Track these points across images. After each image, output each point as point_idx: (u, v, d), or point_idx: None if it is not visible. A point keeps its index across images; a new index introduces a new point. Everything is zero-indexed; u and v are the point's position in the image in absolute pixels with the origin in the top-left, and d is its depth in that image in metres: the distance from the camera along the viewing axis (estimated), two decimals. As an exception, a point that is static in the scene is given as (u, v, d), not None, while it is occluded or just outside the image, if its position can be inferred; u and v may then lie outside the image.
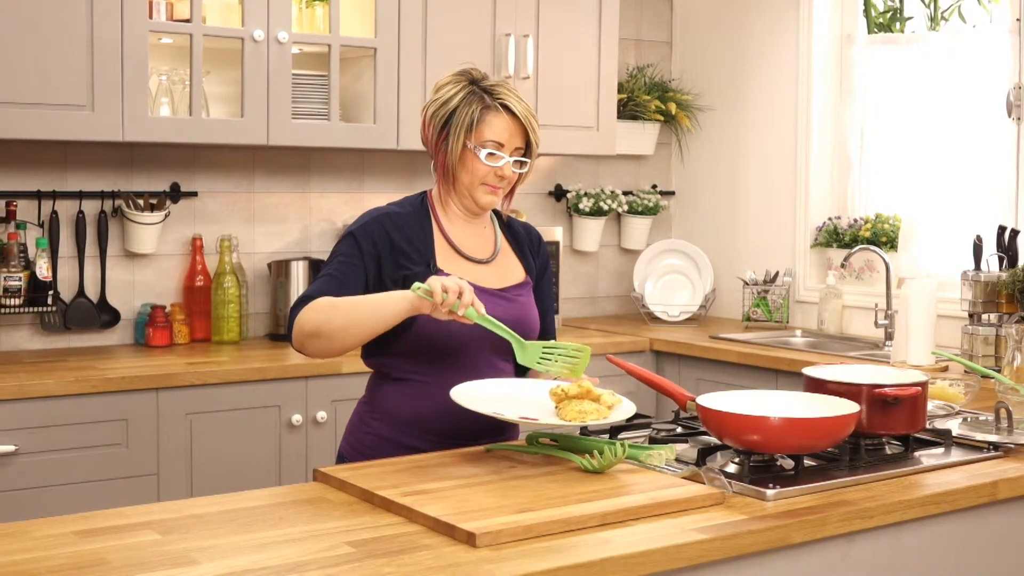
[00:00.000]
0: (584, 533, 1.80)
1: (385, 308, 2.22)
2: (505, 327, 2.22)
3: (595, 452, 2.11)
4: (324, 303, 2.27)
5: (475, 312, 2.16)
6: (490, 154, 2.36)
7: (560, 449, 2.21)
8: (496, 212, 2.54)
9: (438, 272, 2.37)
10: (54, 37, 3.37)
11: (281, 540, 1.77)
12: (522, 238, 2.56)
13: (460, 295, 2.13)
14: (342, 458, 2.49)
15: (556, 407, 2.06)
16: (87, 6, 3.40)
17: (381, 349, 2.40)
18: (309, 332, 2.26)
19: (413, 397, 2.39)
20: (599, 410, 2.01)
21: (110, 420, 3.25)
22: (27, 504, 3.12)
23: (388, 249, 2.37)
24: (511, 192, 2.47)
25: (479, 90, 2.38)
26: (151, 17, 3.54)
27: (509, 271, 2.50)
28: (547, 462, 2.18)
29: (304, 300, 2.30)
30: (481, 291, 2.37)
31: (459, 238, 2.46)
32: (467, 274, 2.40)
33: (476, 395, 2.11)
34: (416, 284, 2.18)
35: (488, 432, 2.37)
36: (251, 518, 1.88)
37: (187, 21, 3.62)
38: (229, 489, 2.61)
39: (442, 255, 2.42)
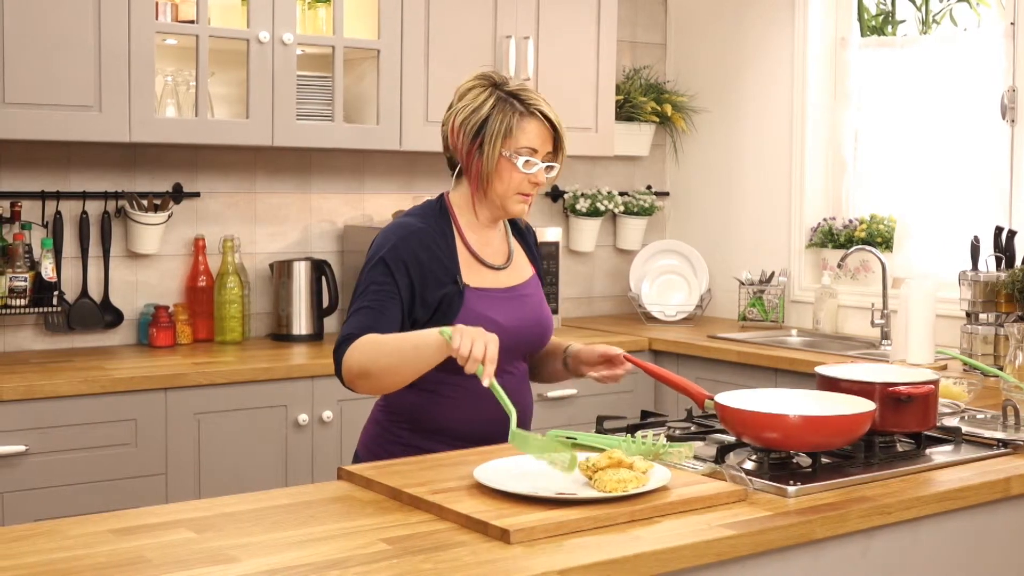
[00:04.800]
0: (614, 529, 1.83)
1: (424, 352, 2.20)
2: (508, 402, 2.14)
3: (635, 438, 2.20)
4: (369, 343, 2.25)
5: (490, 380, 2.13)
6: (527, 161, 2.36)
7: (587, 447, 2.24)
8: None
9: (465, 289, 2.37)
10: (61, 39, 3.38)
11: (316, 537, 1.79)
12: (524, 232, 2.60)
13: (482, 354, 2.12)
14: (358, 460, 2.50)
15: (591, 479, 1.97)
16: (94, 8, 3.42)
17: None
18: (357, 373, 2.25)
19: (433, 405, 2.40)
20: (638, 477, 1.95)
21: (119, 420, 3.27)
22: (37, 504, 3.14)
23: (419, 272, 2.35)
24: None
25: (506, 95, 2.38)
26: (156, 18, 3.55)
27: (523, 269, 2.54)
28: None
29: (347, 339, 2.28)
30: (501, 294, 2.42)
31: (479, 245, 2.46)
32: (489, 280, 2.42)
33: (504, 474, 2.02)
34: (442, 329, 2.17)
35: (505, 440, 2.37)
36: (282, 516, 1.90)
37: (192, 22, 3.63)
38: (237, 489, 2.64)
39: (465, 267, 2.41)
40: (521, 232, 2.59)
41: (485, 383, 2.12)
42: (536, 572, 1.64)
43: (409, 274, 2.34)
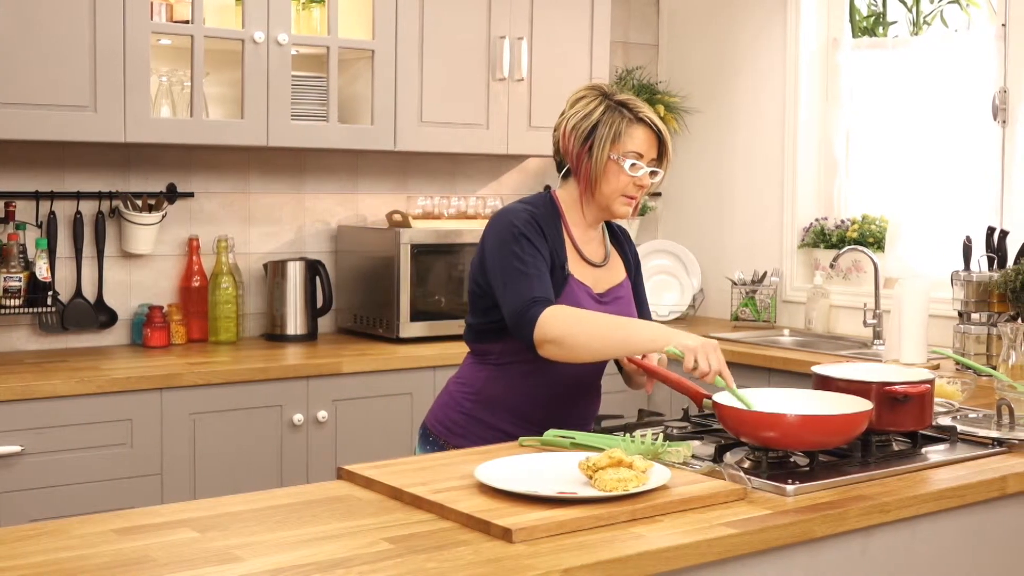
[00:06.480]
0: (615, 528, 1.84)
1: (632, 346, 2.36)
2: (744, 397, 2.26)
3: (635, 437, 2.24)
4: (569, 312, 2.35)
5: (722, 381, 2.28)
6: (633, 164, 2.47)
7: (586, 447, 2.25)
8: None
9: (569, 276, 2.48)
10: (56, 39, 3.38)
11: (319, 536, 1.80)
12: (620, 236, 2.70)
13: (717, 367, 2.28)
14: (426, 432, 2.60)
15: (591, 478, 1.98)
16: (89, 8, 3.41)
17: (492, 336, 2.50)
18: (552, 338, 2.33)
19: (503, 381, 2.51)
20: (638, 477, 1.96)
21: (114, 420, 3.26)
22: (33, 504, 3.13)
23: (545, 245, 2.47)
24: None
25: (615, 104, 2.49)
26: (151, 18, 3.55)
27: (617, 272, 2.64)
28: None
29: (537, 302, 2.35)
30: (595, 296, 2.52)
31: (582, 242, 2.57)
32: (589, 276, 2.54)
33: (505, 473, 2.04)
34: (671, 348, 2.31)
35: (579, 425, 2.50)
36: (285, 515, 1.91)
37: (187, 22, 3.63)
38: (232, 489, 2.64)
39: (571, 258, 2.52)
40: (618, 237, 2.69)
41: (734, 390, 2.25)
42: (540, 571, 1.65)
43: (546, 245, 2.46)
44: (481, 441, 2.47)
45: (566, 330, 2.32)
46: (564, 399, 2.54)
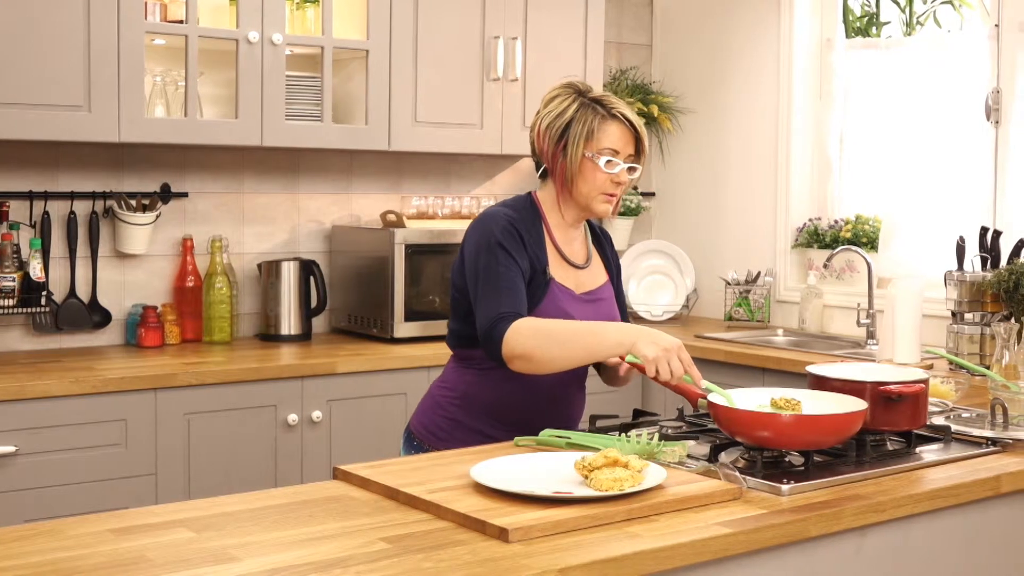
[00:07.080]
0: (611, 528, 1.84)
1: (599, 348, 2.33)
2: (720, 389, 2.27)
3: (630, 437, 2.24)
4: (533, 328, 2.33)
5: (690, 379, 2.32)
6: (608, 161, 2.45)
7: (582, 447, 2.26)
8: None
9: (550, 281, 2.47)
10: (51, 38, 3.37)
11: (316, 536, 1.80)
12: (601, 238, 2.68)
13: (681, 369, 2.31)
14: (410, 436, 2.59)
15: (587, 478, 1.98)
16: (83, 8, 3.41)
17: (475, 341, 2.47)
18: (519, 354, 2.32)
19: (487, 385, 2.50)
20: (633, 476, 1.96)
21: (109, 420, 3.26)
22: (27, 504, 3.13)
23: (526, 254, 2.45)
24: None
25: (589, 101, 2.47)
26: (146, 18, 3.55)
27: (599, 274, 2.62)
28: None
29: (504, 318, 2.34)
30: (578, 297, 2.52)
31: (563, 243, 2.55)
32: (571, 278, 2.53)
33: (501, 473, 2.04)
34: (631, 358, 2.31)
35: (563, 427, 2.48)
36: (281, 515, 1.91)
37: (181, 22, 3.63)
38: (227, 489, 2.64)
39: (552, 261, 2.51)
40: (599, 239, 2.67)
41: (703, 386, 2.29)
42: (536, 570, 1.65)
43: (525, 254, 2.44)
44: (464, 445, 2.44)
45: (533, 344, 2.31)
46: (548, 402, 2.52)
